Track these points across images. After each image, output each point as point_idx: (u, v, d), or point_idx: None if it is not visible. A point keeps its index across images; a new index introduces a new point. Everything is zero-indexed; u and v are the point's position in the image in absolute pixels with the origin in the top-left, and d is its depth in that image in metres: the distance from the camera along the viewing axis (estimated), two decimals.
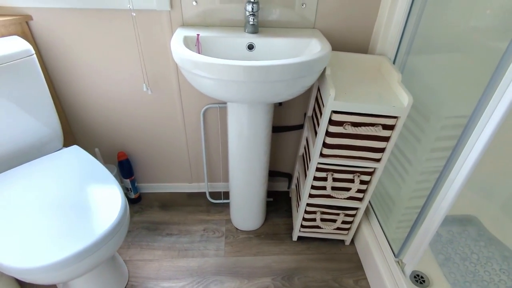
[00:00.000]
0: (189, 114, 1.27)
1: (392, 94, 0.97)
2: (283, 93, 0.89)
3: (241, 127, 1.06)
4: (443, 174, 0.89)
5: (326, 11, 1.06)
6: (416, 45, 1.05)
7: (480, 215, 1.46)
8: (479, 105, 0.75)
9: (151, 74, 1.15)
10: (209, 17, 1.05)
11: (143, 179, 1.48)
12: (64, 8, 1.01)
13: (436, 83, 0.98)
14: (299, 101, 1.27)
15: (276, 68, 0.79)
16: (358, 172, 1.07)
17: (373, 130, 0.94)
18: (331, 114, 0.94)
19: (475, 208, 1.48)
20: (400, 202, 1.16)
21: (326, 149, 1.01)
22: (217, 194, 1.52)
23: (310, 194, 1.15)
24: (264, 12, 1.05)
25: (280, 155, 1.44)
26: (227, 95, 0.88)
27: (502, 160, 1.39)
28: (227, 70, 0.79)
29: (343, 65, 1.11)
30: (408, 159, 1.10)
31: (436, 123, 0.97)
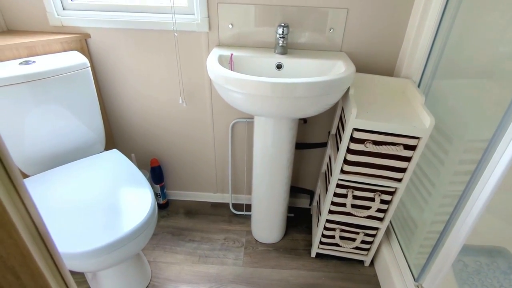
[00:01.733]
0: (218, 127, 1.36)
1: (415, 116, 0.99)
2: (306, 110, 0.95)
3: (266, 141, 1.12)
4: (463, 199, 0.89)
5: (353, 35, 1.13)
6: (441, 69, 1.07)
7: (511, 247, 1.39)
8: (499, 130, 0.77)
9: (187, 88, 1.26)
10: (243, 39, 1.15)
11: (171, 186, 1.57)
12: (118, 29, 1.15)
13: (460, 107, 1.00)
14: (324, 119, 1.31)
15: (301, 85, 0.86)
16: (378, 191, 1.08)
17: (394, 149, 0.96)
18: (353, 131, 0.97)
19: (506, 239, 1.41)
20: (423, 226, 1.14)
21: (347, 166, 1.04)
22: (240, 206, 1.57)
23: (330, 210, 1.17)
24: (294, 35, 1.13)
25: (303, 172, 1.47)
26: (255, 109, 0.95)
27: None
28: (255, 85, 0.86)
29: (368, 86, 1.15)
30: (431, 182, 1.09)
31: (459, 146, 0.97)
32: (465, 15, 0.97)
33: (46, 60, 1.05)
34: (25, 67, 1.00)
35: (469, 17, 0.96)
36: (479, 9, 0.92)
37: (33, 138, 1.06)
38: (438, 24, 1.03)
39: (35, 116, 1.04)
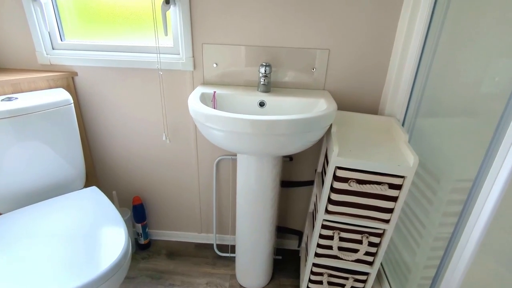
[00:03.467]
0: (203, 164, 1.33)
1: (399, 154, 0.97)
2: (288, 147, 0.93)
3: (248, 179, 1.09)
4: (452, 242, 0.84)
5: (336, 74, 1.14)
6: (423, 108, 1.07)
7: None
8: (481, 170, 0.74)
9: (171, 125, 1.25)
10: (227, 77, 1.16)
11: (154, 225, 1.51)
12: (105, 67, 1.17)
13: (444, 145, 0.98)
14: (310, 157, 1.29)
15: (282, 122, 0.85)
16: (366, 232, 1.03)
17: (378, 188, 0.93)
18: (336, 170, 0.95)
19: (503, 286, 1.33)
20: (416, 270, 1.07)
21: (331, 206, 1.00)
22: (225, 247, 1.50)
23: (317, 253, 1.10)
24: (277, 74, 1.15)
25: (291, 211, 1.42)
26: (236, 147, 0.93)
27: None
28: (235, 123, 0.85)
29: (352, 124, 1.15)
30: (422, 223, 1.05)
31: (446, 185, 0.94)
32: (443, 55, 0.99)
33: (29, 97, 1.05)
34: (7, 103, 1.00)
35: (447, 57, 0.98)
36: (456, 50, 0.94)
37: (9, 174, 1.03)
38: (418, 64, 1.05)
39: (14, 151, 1.02)
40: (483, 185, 0.73)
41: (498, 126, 0.69)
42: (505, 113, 0.68)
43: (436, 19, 0.99)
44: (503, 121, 0.68)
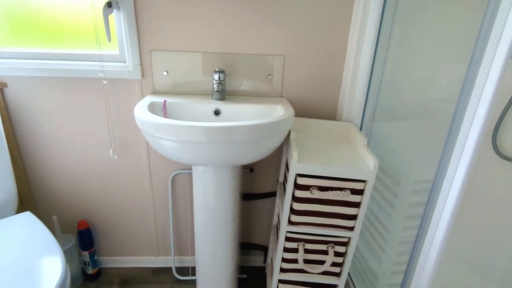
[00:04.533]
0: (157, 180, 1.23)
1: (359, 158, 0.95)
2: (246, 155, 0.87)
3: (206, 193, 1.01)
4: (417, 246, 0.82)
5: (292, 81, 1.12)
6: (379, 113, 1.08)
7: None
8: (439, 171, 0.73)
9: (119, 139, 1.15)
10: (179, 86, 1.09)
11: (104, 252, 1.36)
12: (39, 77, 1.04)
13: (402, 148, 0.98)
14: (271, 166, 1.24)
15: (238, 129, 0.79)
16: (331, 242, 0.99)
17: (341, 194, 0.90)
18: (296, 177, 0.90)
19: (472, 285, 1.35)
20: (383, 278, 1.05)
21: (294, 216, 0.95)
22: (185, 270, 1.38)
23: (282, 269, 1.04)
24: (232, 82, 1.10)
25: (255, 225, 1.35)
26: (191, 158, 0.85)
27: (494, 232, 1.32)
28: (188, 131, 0.78)
29: (310, 131, 1.12)
30: (386, 227, 1.03)
31: (407, 188, 0.93)
32: (394, 61, 1.00)
33: None
34: None
35: (397, 62, 0.99)
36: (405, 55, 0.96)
37: None
38: (371, 69, 1.06)
39: None
40: (442, 185, 0.72)
41: (451, 127, 0.69)
42: (456, 114, 0.68)
43: (385, 26, 1.01)
44: (455, 122, 0.68)
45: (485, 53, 0.59)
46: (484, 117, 0.60)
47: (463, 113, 0.64)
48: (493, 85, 0.58)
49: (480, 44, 0.62)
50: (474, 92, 0.61)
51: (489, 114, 0.60)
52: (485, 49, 0.59)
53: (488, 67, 0.59)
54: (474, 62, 0.63)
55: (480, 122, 0.60)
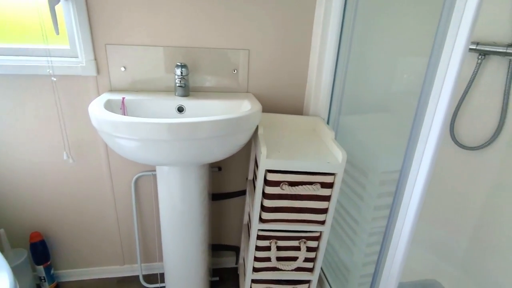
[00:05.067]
0: (119, 184, 1.15)
1: (327, 152, 0.95)
2: (213, 153, 0.83)
3: (172, 195, 0.96)
4: (387, 235, 0.83)
5: (258, 76, 1.09)
6: (345, 106, 1.08)
7: (441, 278, 1.37)
8: (405, 160, 0.74)
9: (73, 141, 1.06)
10: (139, 82, 1.03)
11: (62, 265, 1.25)
12: None
13: (368, 140, 0.99)
14: (240, 164, 1.21)
15: (203, 125, 0.75)
16: (303, 237, 0.98)
17: (311, 189, 0.89)
18: (266, 173, 0.88)
19: (435, 271, 1.41)
20: (355, 269, 1.05)
21: (265, 213, 0.92)
22: (154, 277, 1.31)
23: (255, 268, 1.01)
24: (196, 77, 1.05)
25: (225, 226, 1.31)
26: (154, 158, 0.80)
27: (454, 217, 1.38)
28: (150, 129, 0.73)
29: (278, 126, 1.10)
30: (355, 220, 1.04)
31: (374, 179, 0.94)
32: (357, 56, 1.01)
33: None
34: None
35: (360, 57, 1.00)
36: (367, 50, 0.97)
37: None
38: (335, 64, 1.06)
39: None
40: (408, 175, 0.73)
41: (415, 119, 0.70)
42: (419, 106, 0.69)
43: (348, 20, 1.02)
44: (419, 114, 0.69)
45: (444, 46, 0.60)
46: (446, 108, 0.61)
47: (426, 105, 0.65)
48: (453, 77, 0.59)
49: (439, 37, 0.63)
50: (436, 84, 0.62)
51: (450, 105, 0.61)
52: (444, 42, 0.60)
53: (447, 60, 0.60)
54: (434, 55, 0.64)
55: (442, 113, 0.61)
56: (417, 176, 0.70)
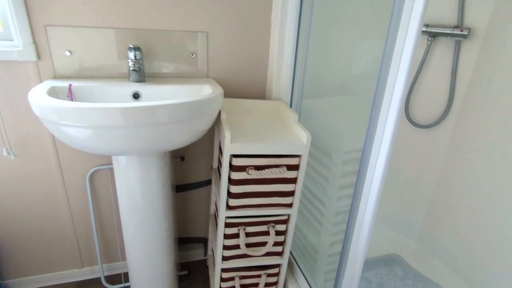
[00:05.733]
0: (71, 181, 1.06)
1: (292, 134, 0.94)
2: (173, 140, 0.78)
3: (131, 189, 0.89)
4: (352, 213, 0.84)
5: (218, 60, 1.06)
6: (307, 90, 1.08)
7: (402, 252, 1.45)
8: (367, 139, 0.76)
9: (14, 135, 0.95)
10: (88, 70, 0.94)
11: (11, 274, 1.13)
12: None
13: (331, 123, 1.00)
14: (203, 153, 1.17)
15: (161, 109, 0.70)
16: (272, 221, 0.97)
17: (277, 171, 0.88)
18: (231, 158, 0.85)
19: (396, 246, 1.48)
20: (323, 250, 1.07)
21: (232, 200, 0.90)
22: (117, 277, 1.24)
23: (224, 257, 0.99)
24: (152, 62, 0.99)
25: (192, 218, 1.27)
26: (108, 147, 0.74)
27: (411, 193, 1.45)
28: (102, 114, 0.66)
29: (241, 111, 1.08)
30: (321, 201, 1.05)
31: (338, 159, 0.96)
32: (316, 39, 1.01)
33: None
34: None
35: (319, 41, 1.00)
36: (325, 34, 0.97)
37: None
38: (296, 48, 1.05)
39: None
40: (370, 153, 0.74)
41: (374, 100, 0.72)
42: (378, 88, 0.70)
43: (306, 4, 1.01)
44: (378, 95, 0.70)
45: (398, 29, 0.62)
46: (402, 88, 0.63)
47: (384, 86, 0.66)
48: (408, 59, 0.61)
49: (394, 21, 0.64)
50: (392, 67, 0.64)
51: (406, 85, 0.63)
52: (398, 25, 0.62)
53: (402, 43, 0.62)
54: (389, 39, 0.66)
55: (399, 94, 0.63)
56: (379, 154, 0.72)
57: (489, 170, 1.14)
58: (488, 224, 1.15)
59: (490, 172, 1.14)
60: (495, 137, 1.12)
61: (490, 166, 1.14)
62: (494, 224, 1.13)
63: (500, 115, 1.10)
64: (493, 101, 1.12)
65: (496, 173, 1.12)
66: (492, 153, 1.13)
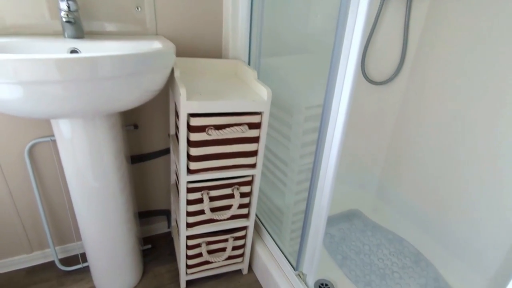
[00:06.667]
0: (6, 157, 0.93)
1: (252, 92, 0.90)
2: (122, 98, 0.70)
3: (79, 163, 0.81)
4: (315, 170, 0.84)
5: (169, 16, 0.97)
6: (265, 48, 1.04)
7: (361, 207, 1.52)
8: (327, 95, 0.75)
9: None
10: (12, 27, 0.81)
11: None
12: None
13: (291, 81, 0.98)
14: (159, 119, 1.10)
15: (104, 60, 0.61)
16: (236, 184, 0.95)
17: (239, 130, 0.84)
18: (189, 118, 0.80)
19: (356, 201, 1.55)
20: (288, 210, 1.08)
21: (193, 163, 0.86)
22: (74, 258, 1.15)
23: (188, 224, 0.95)
24: (92, 22, 0.88)
25: (152, 190, 1.21)
26: (43, 108, 0.64)
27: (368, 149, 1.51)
28: (32, 67, 0.56)
29: (197, 71, 1.01)
30: (284, 161, 1.04)
31: (299, 116, 0.95)
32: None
33: None
34: None
35: None
36: None
37: None
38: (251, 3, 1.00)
39: None
40: (331, 108, 0.74)
41: (332, 56, 0.71)
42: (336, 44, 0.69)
43: None
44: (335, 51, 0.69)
45: None
46: (359, 43, 0.63)
47: (341, 43, 0.66)
48: (363, 14, 0.60)
49: None
50: (349, 23, 0.63)
51: (363, 40, 0.64)
52: None
53: None
54: None
55: (356, 48, 0.63)
56: (339, 109, 0.72)
57: (440, 123, 1.20)
58: (439, 174, 1.23)
59: (441, 125, 1.20)
60: (445, 92, 1.18)
61: (441, 119, 1.20)
62: (444, 174, 1.21)
63: (449, 70, 1.15)
64: (441, 56, 1.17)
65: (446, 126, 1.18)
66: (443, 107, 1.19)
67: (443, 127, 1.19)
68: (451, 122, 1.16)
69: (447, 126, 1.18)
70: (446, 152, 1.19)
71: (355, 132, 1.47)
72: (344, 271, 1.17)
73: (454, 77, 1.14)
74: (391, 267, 1.20)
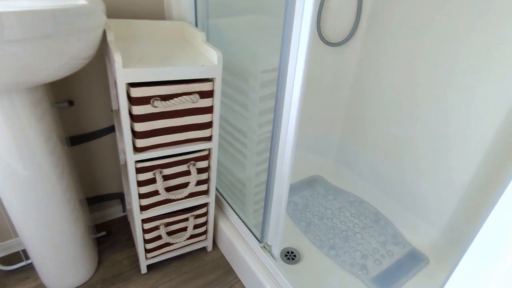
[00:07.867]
0: None
1: (201, 56, 0.81)
2: (41, 66, 0.58)
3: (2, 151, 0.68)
4: (274, 139, 0.79)
5: None
6: (213, 9, 0.94)
7: (322, 173, 1.53)
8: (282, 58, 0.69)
9: None
10: None
11: None
12: None
13: (243, 44, 0.90)
14: (98, 94, 0.97)
15: (11, 17, 0.48)
16: (191, 159, 0.87)
17: (189, 100, 0.76)
18: (129, 89, 0.70)
19: (316, 167, 1.55)
20: (250, 182, 1.03)
21: (139, 140, 0.76)
22: (15, 256, 1.03)
23: (142, 206, 0.87)
24: None
25: (99, 173, 1.09)
26: None
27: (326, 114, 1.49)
28: None
29: (137, 35, 0.89)
30: (242, 132, 0.98)
31: (254, 82, 0.88)
32: None
33: None
34: None
35: None
36: None
37: None
38: None
39: None
40: (287, 72, 0.68)
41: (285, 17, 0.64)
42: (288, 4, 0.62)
43: None
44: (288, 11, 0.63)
45: None
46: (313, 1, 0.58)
47: (294, 2, 0.61)
48: None
49: None
50: None
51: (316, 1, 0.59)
52: None
53: None
54: None
55: (310, 6, 0.59)
56: (295, 72, 0.67)
57: (396, 84, 1.20)
58: (396, 135, 1.25)
59: (397, 86, 1.20)
60: (400, 51, 1.17)
61: (396, 80, 1.20)
62: (401, 134, 1.23)
63: (403, 28, 1.13)
64: (396, 15, 1.15)
65: (402, 87, 1.19)
66: (398, 67, 1.18)
67: (399, 87, 1.19)
68: (405, 82, 1.17)
69: (402, 86, 1.18)
70: (402, 113, 1.21)
71: (312, 96, 1.44)
72: (309, 237, 1.18)
73: (408, 35, 1.12)
74: (353, 228, 1.23)
